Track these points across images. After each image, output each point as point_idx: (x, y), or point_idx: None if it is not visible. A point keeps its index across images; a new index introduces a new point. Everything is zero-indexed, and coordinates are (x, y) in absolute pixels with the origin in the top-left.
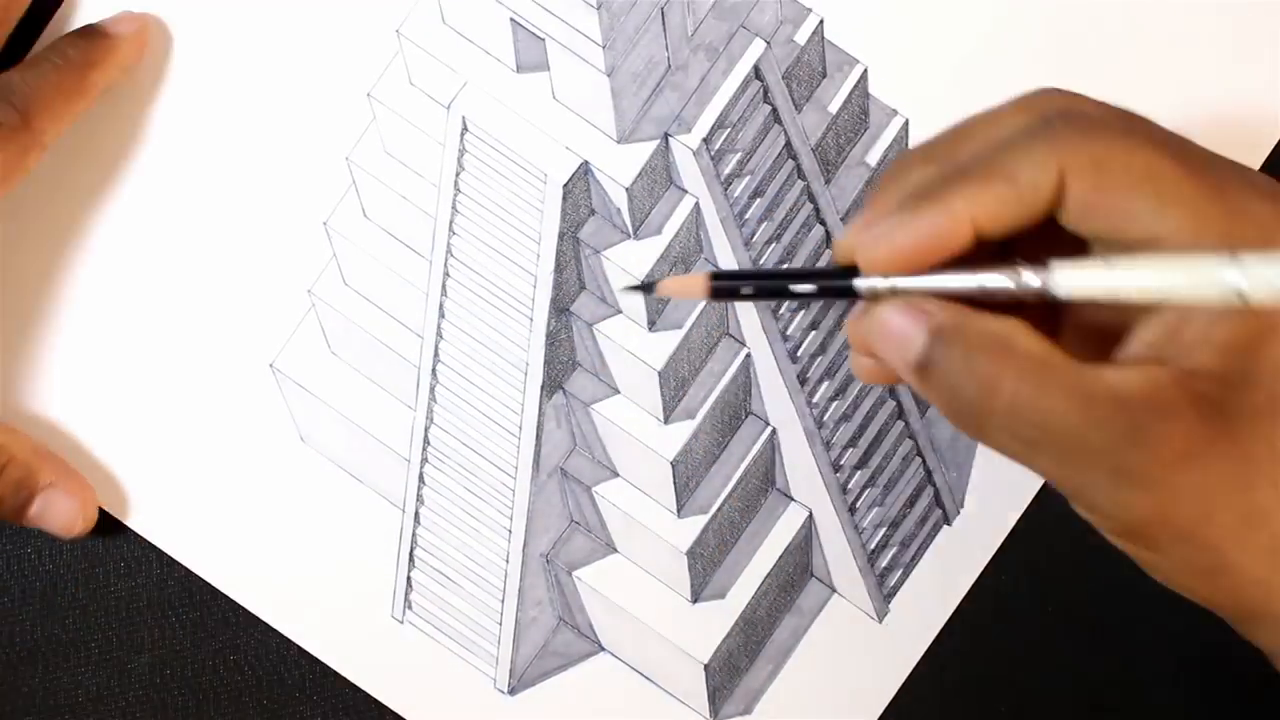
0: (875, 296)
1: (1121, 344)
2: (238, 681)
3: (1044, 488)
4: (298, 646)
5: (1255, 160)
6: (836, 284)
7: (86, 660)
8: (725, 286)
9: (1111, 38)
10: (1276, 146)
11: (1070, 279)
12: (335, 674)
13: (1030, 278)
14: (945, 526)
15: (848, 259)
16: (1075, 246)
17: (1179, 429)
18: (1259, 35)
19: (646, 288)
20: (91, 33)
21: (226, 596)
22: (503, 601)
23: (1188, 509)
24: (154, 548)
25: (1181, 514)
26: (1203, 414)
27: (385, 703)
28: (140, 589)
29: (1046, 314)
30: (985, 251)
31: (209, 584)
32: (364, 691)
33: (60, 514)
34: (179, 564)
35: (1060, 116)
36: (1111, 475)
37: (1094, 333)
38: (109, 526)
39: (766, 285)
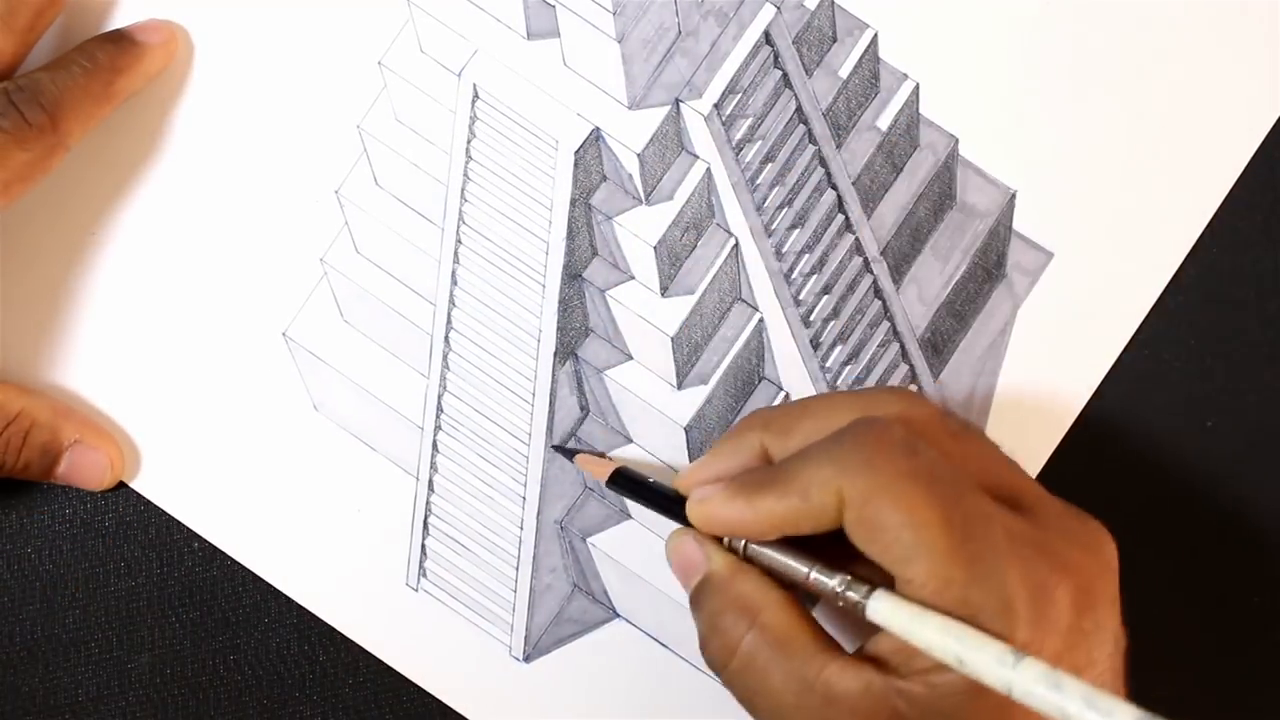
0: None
1: (868, 641)
2: (238, 681)
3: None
4: (298, 646)
5: (1249, 148)
6: (677, 511)
7: (86, 660)
8: (625, 484)
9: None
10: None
11: (880, 611)
12: (335, 674)
13: (852, 594)
14: None
15: (684, 490)
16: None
17: None
18: (1256, 29)
19: (567, 454)
20: (120, 38)
21: (226, 596)
22: (517, 569)
23: None
24: (154, 546)
25: None
26: None
27: (400, 670)
28: (140, 589)
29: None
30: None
31: (209, 584)
32: (364, 691)
33: (88, 468)
34: (179, 564)
35: (856, 436)
36: None
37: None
38: (110, 527)
39: (650, 491)
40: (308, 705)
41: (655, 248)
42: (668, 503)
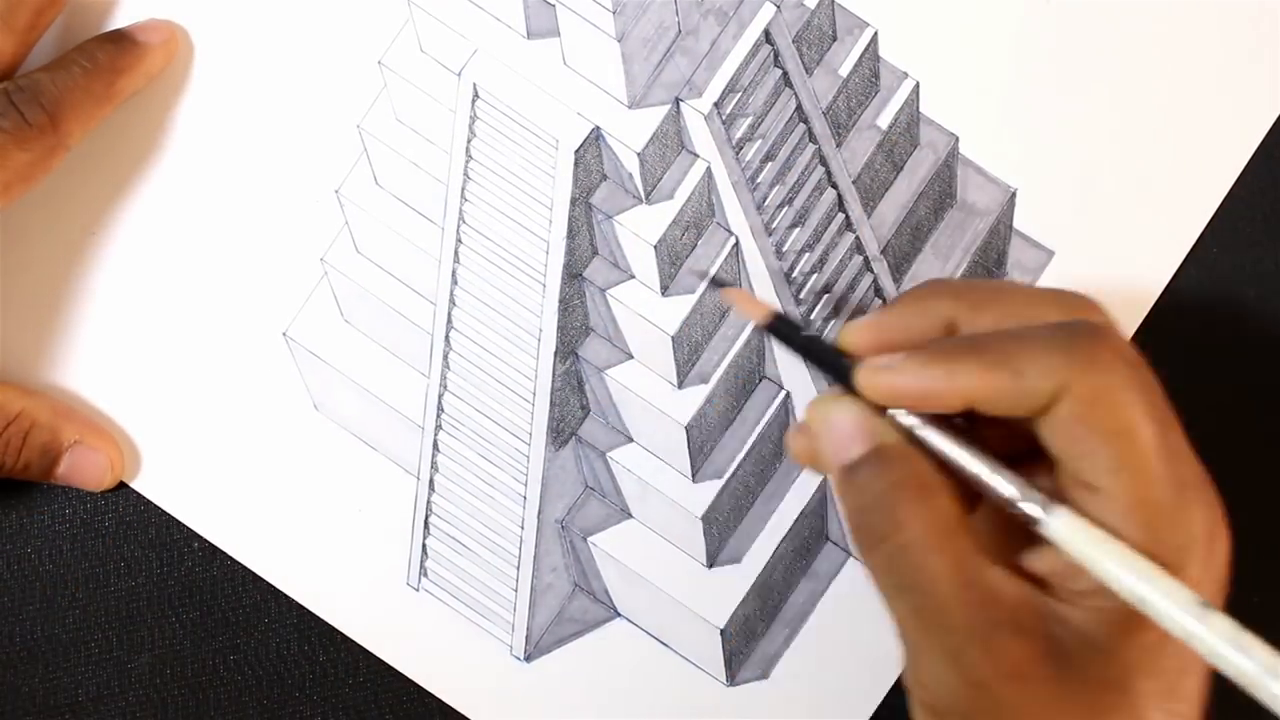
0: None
1: (1024, 554)
2: (238, 681)
3: None
4: (298, 646)
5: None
6: (833, 366)
7: (86, 660)
8: (781, 329)
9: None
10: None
11: (1063, 531)
12: (335, 673)
13: (1031, 507)
14: None
15: (848, 349)
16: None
17: (1023, 651)
18: (1256, 28)
19: (722, 283)
20: (121, 38)
21: (226, 596)
22: (518, 568)
23: (993, 716)
24: (154, 546)
25: (980, 711)
26: (1050, 650)
27: (401, 670)
28: (140, 589)
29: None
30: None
31: (209, 584)
32: (364, 691)
33: (88, 469)
34: (179, 564)
35: (1087, 333)
36: (947, 655)
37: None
38: (110, 527)
39: (810, 345)
40: (308, 705)
41: (655, 247)
42: (832, 361)
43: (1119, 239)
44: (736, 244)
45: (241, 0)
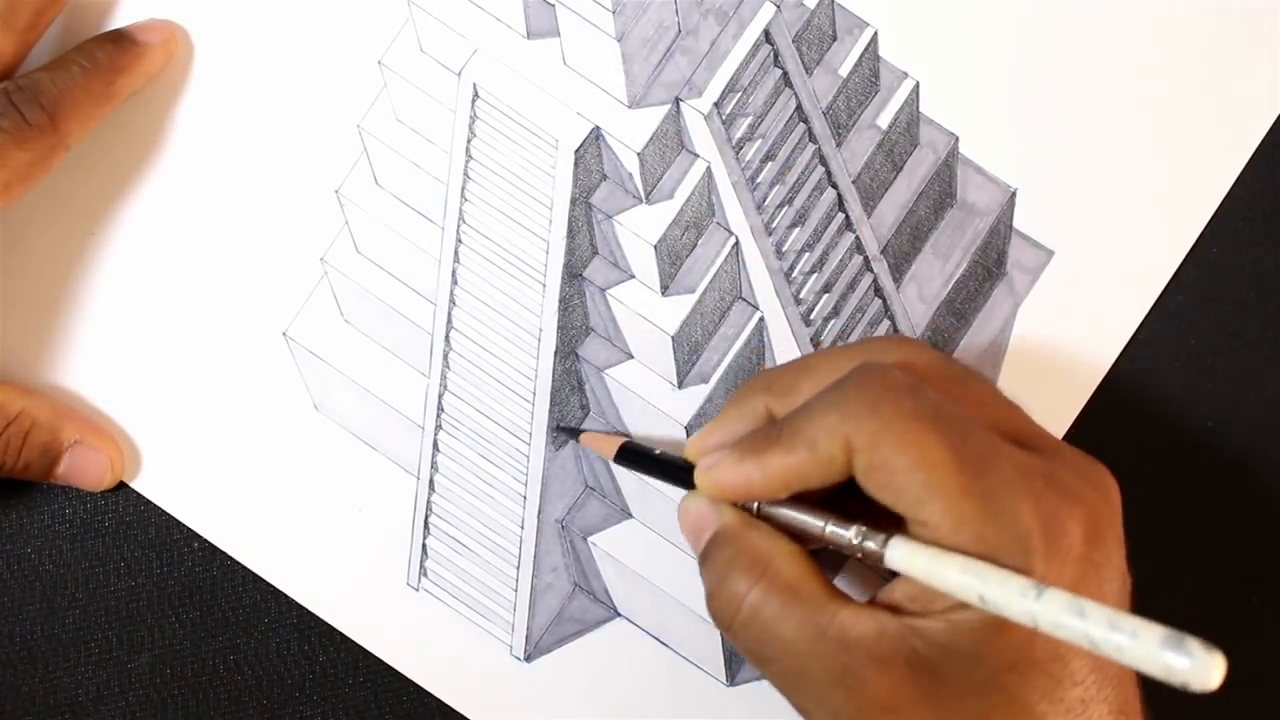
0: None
1: (881, 590)
2: (238, 681)
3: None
4: (298, 646)
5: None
6: (686, 479)
7: (86, 660)
8: (633, 457)
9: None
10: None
11: (899, 557)
12: (335, 673)
13: (870, 543)
14: None
15: (692, 459)
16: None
17: (887, 681)
18: (1256, 28)
19: (572, 433)
20: (120, 38)
21: (226, 596)
22: (518, 568)
23: None
24: (154, 546)
25: None
26: (915, 674)
27: (401, 670)
28: (140, 589)
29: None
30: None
31: (209, 584)
32: (364, 691)
33: (88, 469)
34: (179, 564)
35: (859, 386)
36: (820, 706)
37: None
38: (110, 527)
39: (658, 460)
40: (308, 705)
41: (655, 246)
42: (677, 472)
43: (1119, 238)
44: (736, 244)
45: (242, 1)
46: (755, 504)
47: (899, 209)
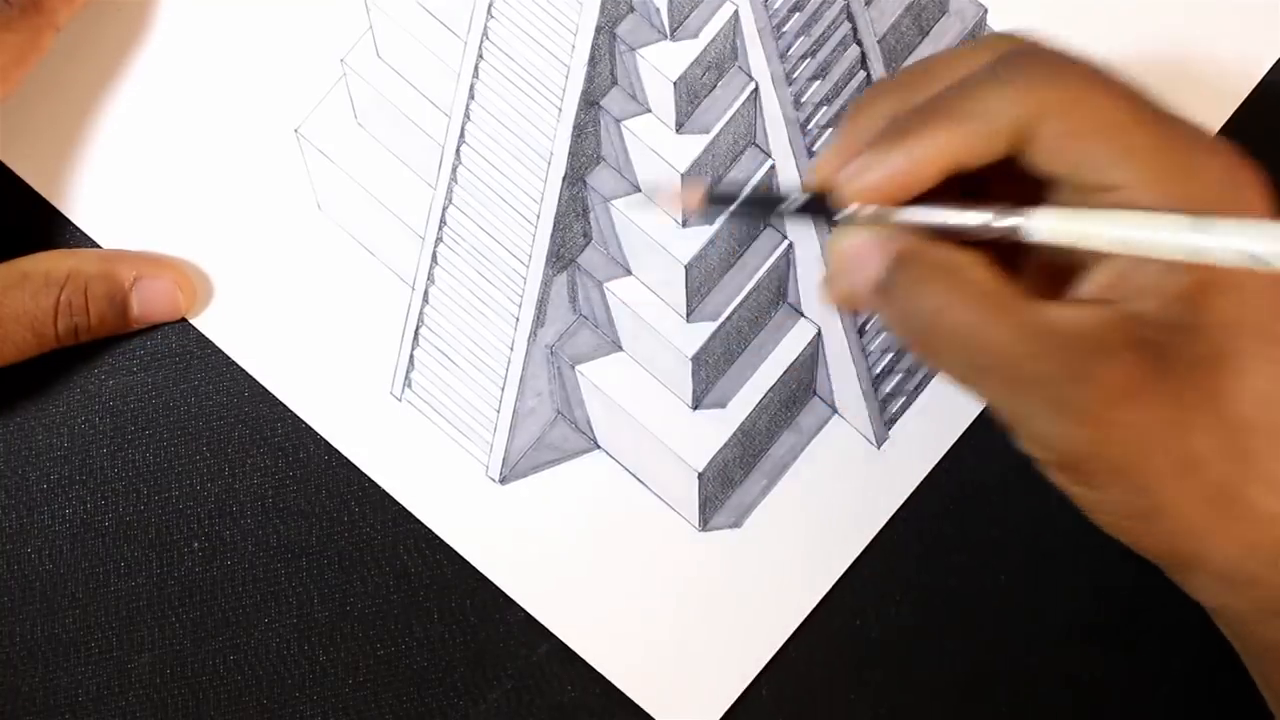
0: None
1: (1074, 284)
2: (238, 681)
3: None
4: (298, 646)
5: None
6: (819, 208)
7: (86, 660)
8: (720, 196)
9: None
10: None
11: (1045, 225)
12: (335, 673)
13: (1009, 220)
14: None
15: (824, 185)
16: (1031, 184)
17: (1118, 368)
18: None
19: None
20: None
21: (226, 596)
22: (503, 389)
23: (1123, 447)
24: (154, 547)
25: (1117, 451)
26: (1143, 357)
27: (375, 479)
28: (140, 589)
29: (1010, 252)
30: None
31: (209, 584)
32: (364, 691)
33: (159, 300)
34: (179, 564)
35: (1030, 58)
36: (1050, 407)
37: (1052, 272)
38: (110, 527)
39: (759, 199)
40: (308, 705)
41: (675, 83)
42: (812, 205)
43: None
44: (756, 89)
45: None
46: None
47: None
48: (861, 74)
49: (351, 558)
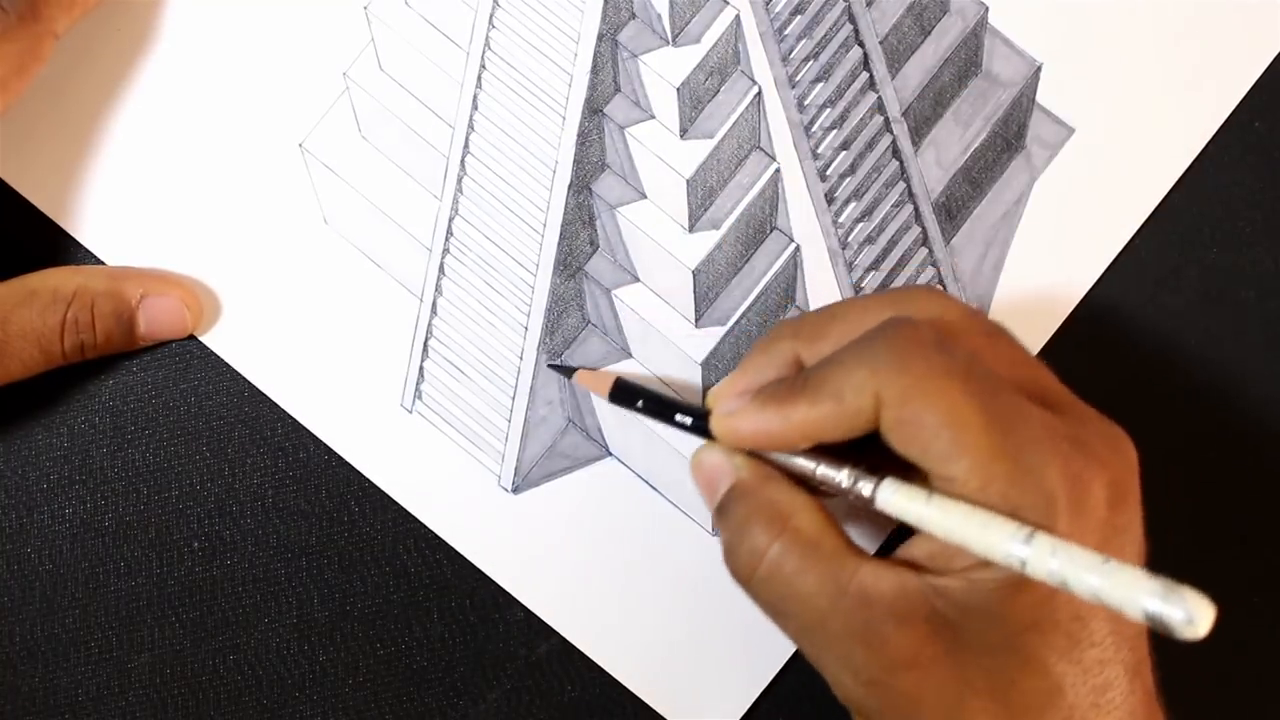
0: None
1: (900, 547)
2: (238, 681)
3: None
4: (298, 646)
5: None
6: (702, 426)
7: (86, 660)
8: (623, 393)
9: None
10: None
11: (890, 500)
12: (335, 673)
13: (862, 486)
14: None
15: (714, 406)
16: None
17: (907, 638)
18: None
19: (565, 371)
20: None
21: (226, 596)
22: (513, 398)
23: (896, 713)
24: (154, 547)
25: (891, 712)
26: (936, 631)
27: (388, 491)
28: (140, 589)
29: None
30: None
31: (209, 584)
32: (364, 691)
33: (166, 318)
34: (179, 564)
35: (887, 339)
36: (840, 662)
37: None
38: (110, 527)
39: (676, 405)
40: (308, 705)
41: (678, 89)
42: (693, 419)
43: (1141, 120)
44: (759, 94)
45: None
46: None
47: (923, 73)
48: (864, 75)
49: (351, 558)
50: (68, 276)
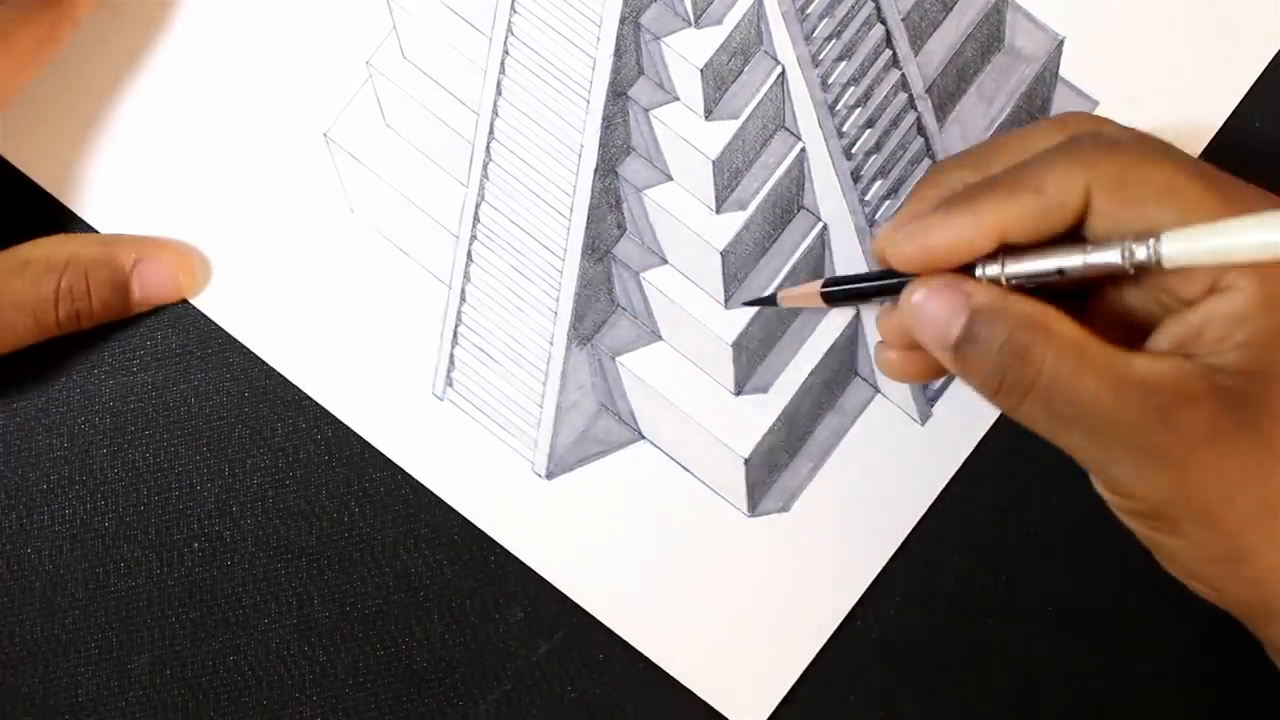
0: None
1: (1145, 343)
2: (238, 681)
3: None
4: (298, 646)
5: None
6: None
7: (86, 660)
8: (839, 292)
9: None
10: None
11: (1179, 247)
12: (335, 673)
13: (1138, 250)
14: None
15: (881, 254)
16: None
17: (1203, 415)
18: None
19: (768, 300)
20: None
21: (226, 596)
22: (544, 384)
23: (1209, 491)
24: (154, 547)
25: (1202, 495)
26: (1225, 404)
27: (420, 480)
28: (140, 589)
29: (1073, 309)
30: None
31: (209, 584)
32: (364, 691)
33: (161, 282)
34: (179, 564)
35: (1087, 136)
36: (1137, 453)
37: (1119, 330)
38: (110, 527)
39: (871, 287)
40: (308, 705)
41: (702, 70)
42: (885, 279)
43: (1164, 93)
44: (783, 73)
45: None
46: (996, 273)
47: (946, 49)
48: (887, 53)
49: (351, 558)
50: (60, 244)
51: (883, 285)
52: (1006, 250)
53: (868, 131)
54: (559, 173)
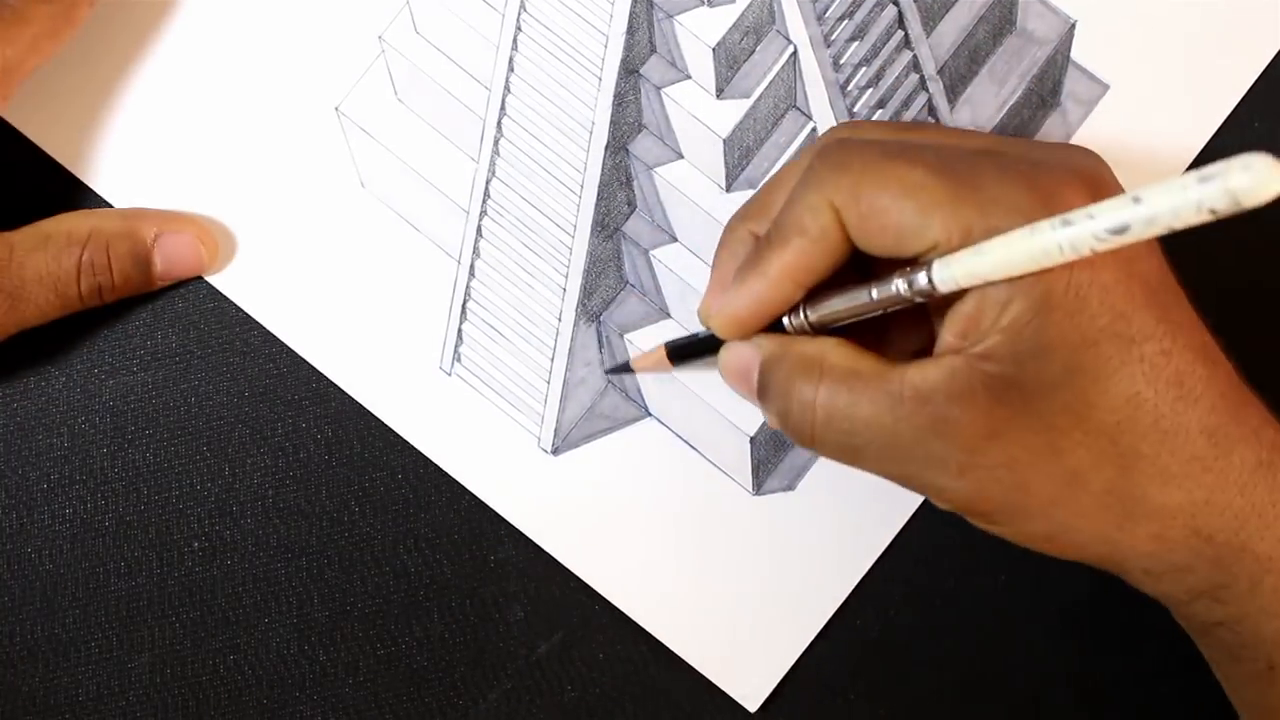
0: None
1: (938, 335)
2: (238, 681)
3: None
4: (298, 646)
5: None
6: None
7: (86, 660)
8: (679, 352)
9: None
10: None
11: (946, 272)
12: (335, 673)
13: (916, 278)
14: None
15: (707, 324)
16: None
17: (978, 413)
18: None
19: (623, 369)
20: None
21: (226, 596)
22: (552, 360)
23: (1003, 484)
24: (154, 547)
25: (998, 489)
26: (997, 396)
27: (427, 454)
28: (140, 589)
29: (877, 332)
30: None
31: (209, 584)
32: (364, 691)
33: (183, 256)
34: (179, 564)
35: (818, 156)
36: (926, 466)
37: (916, 340)
38: (110, 527)
39: (705, 347)
40: (308, 705)
41: (714, 49)
42: (702, 339)
43: (1175, 76)
44: (795, 53)
45: None
46: (800, 321)
47: (958, 31)
48: (899, 34)
49: (351, 558)
50: (81, 219)
51: (713, 344)
52: (809, 296)
53: (879, 112)
54: (570, 149)
